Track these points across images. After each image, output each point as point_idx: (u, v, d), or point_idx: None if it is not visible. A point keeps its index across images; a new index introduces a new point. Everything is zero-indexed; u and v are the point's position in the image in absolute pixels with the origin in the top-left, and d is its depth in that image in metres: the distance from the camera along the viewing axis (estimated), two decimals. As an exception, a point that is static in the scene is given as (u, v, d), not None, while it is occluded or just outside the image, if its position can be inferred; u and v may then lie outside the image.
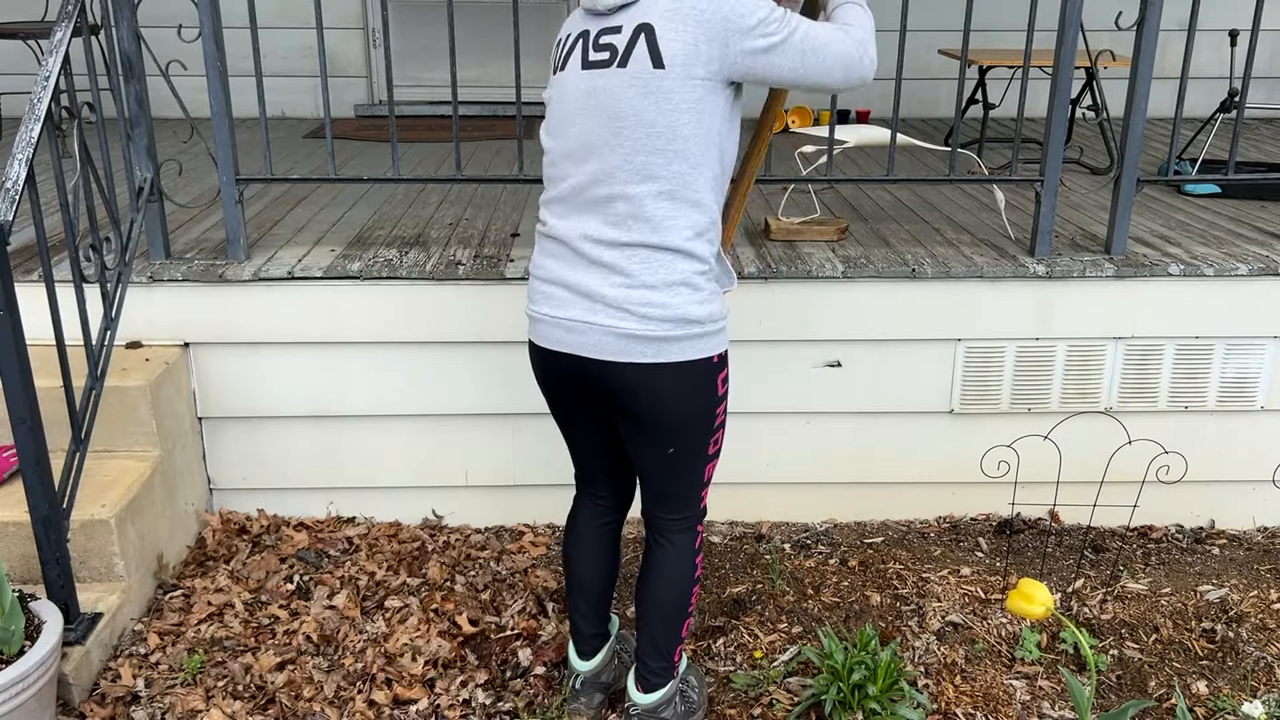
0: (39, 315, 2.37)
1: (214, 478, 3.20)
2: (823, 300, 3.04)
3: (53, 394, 2.38)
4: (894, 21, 2.89)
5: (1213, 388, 3.16)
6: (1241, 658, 2.62)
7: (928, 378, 3.13)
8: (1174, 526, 3.31)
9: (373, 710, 2.44)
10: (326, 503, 3.25)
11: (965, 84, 3.11)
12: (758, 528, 3.26)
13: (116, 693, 2.45)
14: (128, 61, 2.81)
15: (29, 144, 2.29)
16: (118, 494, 2.65)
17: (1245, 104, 3.17)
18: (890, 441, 3.21)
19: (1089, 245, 3.22)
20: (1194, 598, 2.88)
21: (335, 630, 2.69)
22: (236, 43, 2.90)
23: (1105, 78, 4.22)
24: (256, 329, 3.00)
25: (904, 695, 2.34)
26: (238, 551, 3.04)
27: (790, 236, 3.24)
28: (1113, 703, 2.49)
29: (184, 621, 2.72)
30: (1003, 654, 2.63)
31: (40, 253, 2.36)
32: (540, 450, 3.14)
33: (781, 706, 2.43)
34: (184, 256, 3.06)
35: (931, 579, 2.93)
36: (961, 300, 3.05)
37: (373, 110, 5.68)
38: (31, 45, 4.36)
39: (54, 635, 2.21)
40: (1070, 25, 2.89)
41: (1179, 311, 3.08)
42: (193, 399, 3.07)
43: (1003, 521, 3.26)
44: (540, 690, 2.50)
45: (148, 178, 2.92)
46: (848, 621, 2.75)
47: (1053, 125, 2.99)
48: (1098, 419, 3.07)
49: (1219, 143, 4.35)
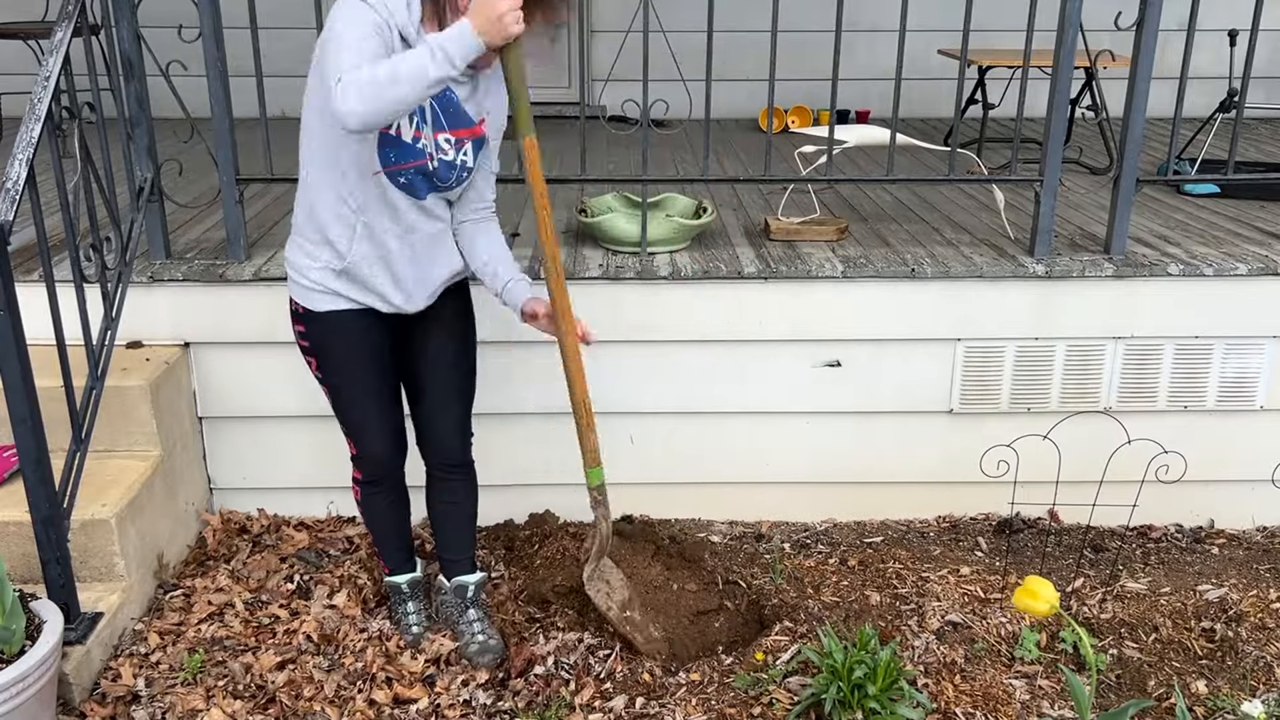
0: (39, 315, 2.37)
1: (214, 477, 3.20)
2: (822, 300, 3.04)
3: (53, 394, 2.38)
4: (894, 21, 2.90)
5: (1212, 387, 3.16)
6: (1241, 657, 2.62)
7: (927, 377, 3.14)
8: (1173, 526, 3.31)
9: (373, 709, 2.44)
10: (327, 502, 3.25)
11: (965, 84, 3.11)
12: (757, 527, 3.26)
13: (117, 692, 2.45)
14: (128, 61, 2.81)
15: (29, 144, 2.29)
16: (118, 494, 2.65)
17: (1245, 104, 3.17)
18: (890, 441, 3.22)
19: (1088, 245, 3.22)
20: (1193, 597, 2.88)
21: (335, 629, 2.69)
22: (236, 43, 2.90)
23: (1105, 77, 4.22)
24: (257, 329, 3.00)
25: (904, 694, 2.34)
26: (238, 551, 3.04)
27: (790, 236, 3.25)
28: (1112, 702, 2.49)
29: (184, 621, 2.72)
30: (1002, 653, 2.63)
31: (41, 252, 2.36)
32: (540, 450, 3.15)
33: (781, 706, 2.43)
34: (184, 256, 3.06)
35: (931, 578, 2.94)
36: (961, 300, 3.05)
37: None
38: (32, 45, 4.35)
39: (54, 635, 2.21)
40: (1070, 25, 2.89)
41: (1178, 311, 3.09)
42: (193, 399, 3.07)
43: (1002, 521, 3.26)
44: (540, 690, 2.50)
45: (148, 178, 2.92)
46: (847, 621, 2.75)
47: (1052, 125, 2.99)
48: (1097, 419, 3.07)
49: (1218, 143, 4.35)
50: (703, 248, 3.17)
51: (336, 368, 2.43)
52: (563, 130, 5.28)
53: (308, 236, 2.33)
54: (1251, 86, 3.21)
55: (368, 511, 2.66)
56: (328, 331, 2.39)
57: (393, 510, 2.68)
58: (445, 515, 2.69)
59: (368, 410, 2.48)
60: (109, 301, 2.71)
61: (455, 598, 2.70)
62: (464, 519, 2.69)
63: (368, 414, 2.48)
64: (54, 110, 2.40)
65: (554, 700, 2.45)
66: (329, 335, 2.39)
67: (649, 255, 3.08)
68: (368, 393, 2.46)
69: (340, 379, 2.44)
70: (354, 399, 2.46)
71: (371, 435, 2.51)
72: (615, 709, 2.43)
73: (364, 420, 2.49)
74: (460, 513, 2.68)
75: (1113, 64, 3.47)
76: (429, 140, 2.22)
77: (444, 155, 2.26)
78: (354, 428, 2.51)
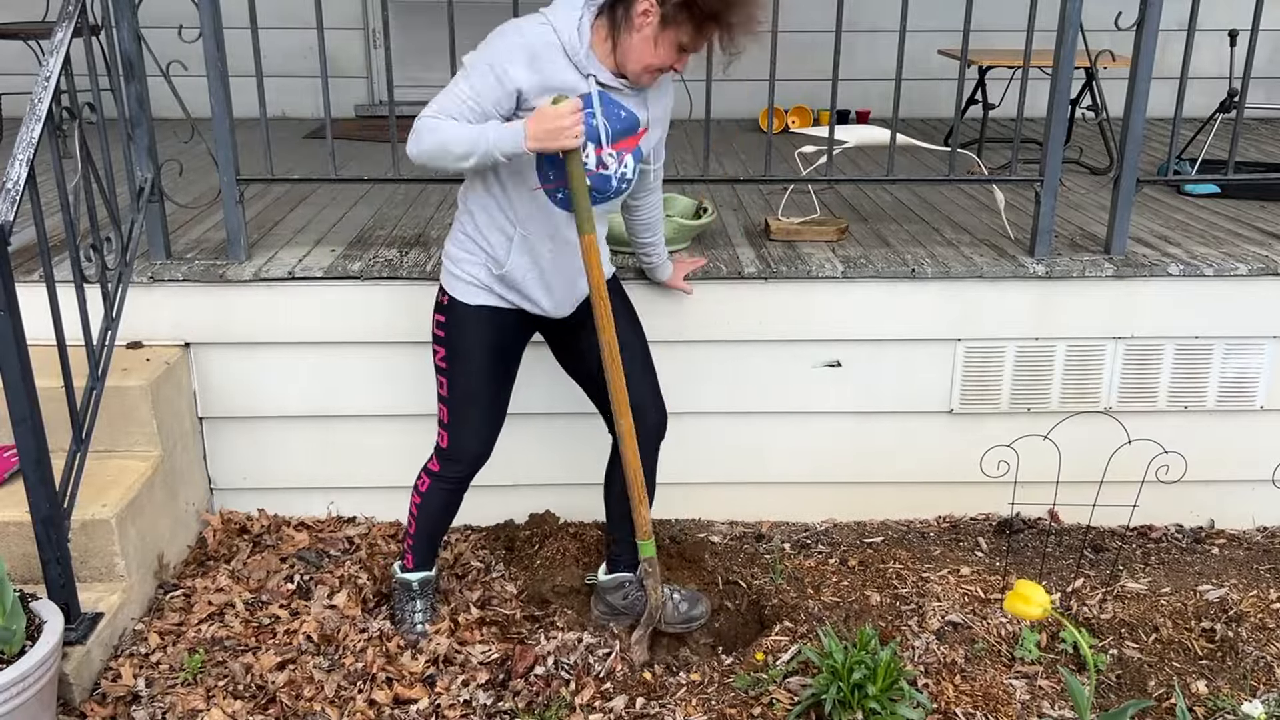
0: (40, 315, 2.37)
1: (214, 477, 3.20)
2: (822, 300, 3.04)
3: (53, 394, 2.38)
4: (894, 21, 2.90)
5: (1212, 387, 3.16)
6: (1241, 657, 2.62)
7: (927, 377, 3.14)
8: (1173, 526, 3.31)
9: (373, 710, 2.44)
10: (327, 502, 3.25)
11: (965, 84, 3.11)
12: (757, 527, 3.26)
13: (117, 692, 2.45)
14: (128, 62, 2.81)
15: (30, 144, 2.29)
16: (118, 494, 2.65)
17: (1245, 104, 3.17)
18: (890, 441, 3.22)
19: (1088, 245, 3.22)
20: (1193, 597, 2.88)
21: (336, 630, 2.69)
22: (237, 43, 2.90)
23: (1105, 78, 4.22)
24: (257, 329, 3.00)
25: (904, 695, 2.35)
26: (238, 551, 3.04)
27: (790, 236, 3.25)
28: (1112, 702, 2.49)
29: (185, 621, 2.72)
30: (1002, 654, 2.63)
31: (41, 253, 2.36)
32: (540, 449, 3.15)
33: (781, 706, 2.43)
34: (184, 256, 3.06)
35: (931, 579, 2.94)
36: (961, 300, 3.05)
37: (373, 110, 5.69)
38: (32, 45, 4.36)
39: (55, 635, 2.21)
40: (1070, 25, 2.89)
41: (1178, 311, 3.09)
42: (193, 399, 3.07)
43: (1002, 521, 3.26)
44: (540, 690, 2.50)
45: (148, 178, 2.92)
46: (847, 621, 2.75)
47: (1052, 125, 2.99)
48: (1097, 419, 3.07)
49: (1219, 143, 4.35)
50: (703, 248, 3.17)
51: (467, 359, 2.45)
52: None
53: (470, 236, 2.39)
54: (1251, 86, 3.21)
55: (427, 504, 2.65)
56: (469, 324, 2.42)
57: (448, 510, 2.68)
58: None
59: (480, 406, 2.51)
60: (109, 302, 2.71)
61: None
62: None
63: (479, 410, 2.51)
64: (54, 110, 2.40)
65: (554, 700, 2.45)
66: (469, 327, 2.43)
67: (649, 255, 3.08)
68: (486, 390, 2.49)
69: (466, 371, 2.46)
70: (471, 393, 2.48)
71: (471, 432, 2.53)
72: (615, 709, 2.43)
73: (472, 415, 2.51)
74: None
75: (1113, 64, 3.47)
76: (592, 156, 2.26)
77: (605, 170, 2.30)
78: (458, 421, 2.51)
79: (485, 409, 2.52)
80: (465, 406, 2.50)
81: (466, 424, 2.52)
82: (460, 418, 2.51)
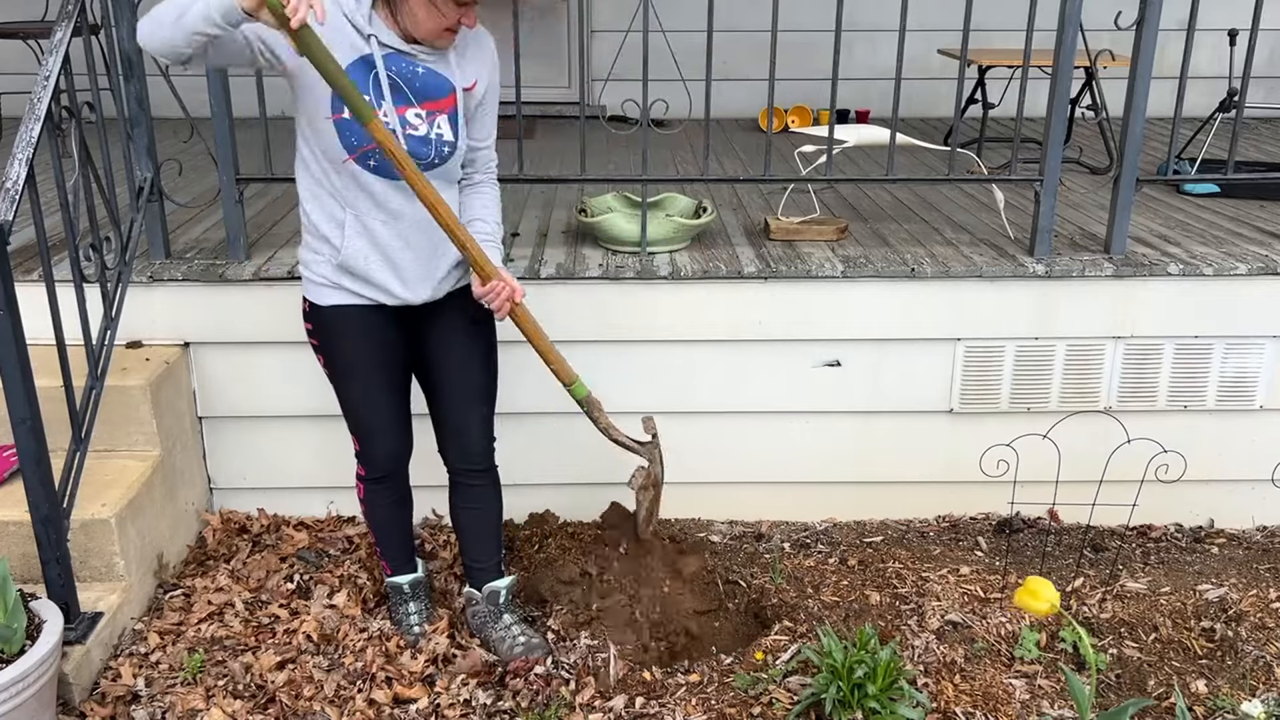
0: (39, 315, 2.37)
1: (214, 477, 3.20)
2: (822, 300, 3.04)
3: (53, 394, 2.38)
4: (893, 21, 2.90)
5: (1212, 387, 3.16)
6: (1240, 657, 2.62)
7: (927, 377, 3.14)
8: (1173, 526, 3.31)
9: (373, 709, 2.44)
10: (326, 502, 3.25)
11: (965, 84, 3.11)
12: (757, 527, 3.26)
13: (117, 692, 2.45)
14: (128, 61, 2.81)
15: (29, 144, 2.29)
16: (118, 493, 2.65)
17: (1245, 104, 3.18)
18: (890, 441, 3.22)
19: (1088, 245, 3.22)
20: (1193, 597, 2.88)
21: (335, 629, 2.69)
22: (236, 42, 2.90)
23: (1105, 77, 4.22)
24: (257, 329, 3.00)
25: (903, 694, 2.34)
26: (238, 551, 3.04)
27: (790, 236, 3.25)
28: (1112, 701, 2.49)
29: (184, 621, 2.72)
30: (1002, 653, 2.63)
31: (40, 252, 2.36)
32: (539, 450, 3.15)
33: (781, 706, 2.43)
34: (184, 256, 3.06)
35: (931, 578, 2.94)
36: (961, 300, 3.05)
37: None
38: (31, 45, 4.36)
39: (54, 634, 2.21)
40: (1070, 25, 2.89)
41: (1178, 311, 3.09)
42: (193, 398, 3.07)
43: (1002, 521, 3.26)
44: (540, 690, 2.50)
45: (148, 177, 2.92)
46: (847, 620, 2.75)
47: (1052, 125, 2.99)
48: (1097, 418, 3.07)
49: (1218, 142, 4.35)
50: (703, 247, 3.17)
51: (342, 363, 2.43)
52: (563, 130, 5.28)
53: (311, 234, 2.34)
54: (1251, 86, 3.21)
55: (370, 509, 2.65)
56: (333, 326, 2.38)
57: (395, 509, 2.67)
58: (470, 521, 2.66)
59: (373, 407, 2.47)
60: (109, 301, 2.71)
61: (488, 605, 2.66)
62: (489, 524, 2.67)
63: (373, 410, 2.47)
64: (54, 110, 2.40)
65: (554, 700, 2.45)
66: (334, 330, 2.39)
67: (649, 255, 3.08)
68: (373, 389, 2.45)
69: (346, 375, 2.44)
70: (359, 395, 2.46)
71: (375, 432, 2.50)
72: (615, 708, 2.43)
73: (368, 417, 2.48)
74: (484, 518, 2.66)
75: (1113, 64, 3.47)
76: (391, 116, 2.18)
77: (414, 131, 2.22)
78: (359, 424, 2.50)
79: (380, 408, 2.47)
80: (357, 410, 2.48)
81: (368, 425, 2.50)
82: (355, 420, 2.50)
